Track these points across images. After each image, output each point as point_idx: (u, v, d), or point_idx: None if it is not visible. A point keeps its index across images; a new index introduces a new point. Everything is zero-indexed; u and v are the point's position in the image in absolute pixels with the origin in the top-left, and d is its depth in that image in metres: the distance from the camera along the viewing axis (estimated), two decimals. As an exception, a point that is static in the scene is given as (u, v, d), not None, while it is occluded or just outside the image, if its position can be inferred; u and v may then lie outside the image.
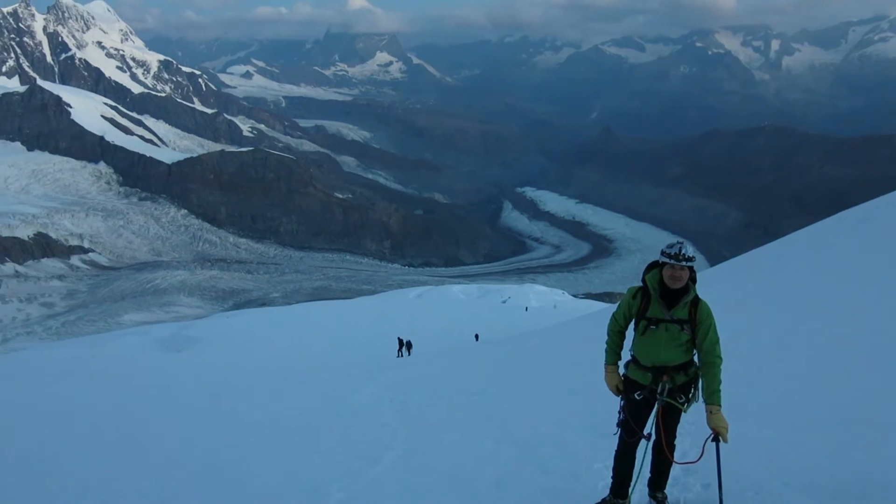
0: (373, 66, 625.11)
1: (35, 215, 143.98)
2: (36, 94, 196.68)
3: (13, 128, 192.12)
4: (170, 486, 9.54)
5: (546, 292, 73.68)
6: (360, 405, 13.71)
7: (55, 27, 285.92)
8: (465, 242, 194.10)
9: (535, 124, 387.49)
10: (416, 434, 10.61)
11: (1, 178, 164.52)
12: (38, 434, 14.35)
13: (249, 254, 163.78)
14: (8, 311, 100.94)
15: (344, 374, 21.09)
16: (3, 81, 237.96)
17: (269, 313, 65.35)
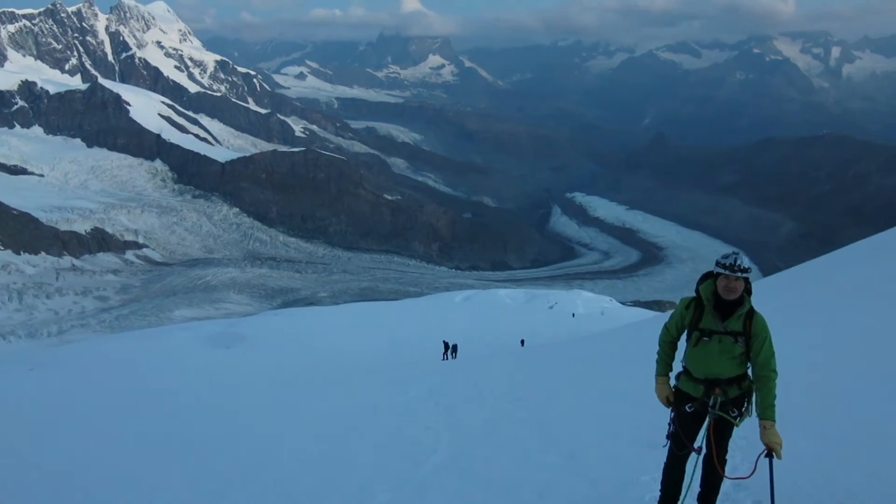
0: (425, 69, 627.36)
1: (92, 210, 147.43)
2: (97, 92, 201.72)
3: (74, 125, 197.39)
4: (214, 483, 9.65)
5: (594, 299, 72.92)
6: (405, 407, 13.70)
7: (117, 27, 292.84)
8: (512, 247, 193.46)
9: (586, 129, 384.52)
10: (461, 438, 10.57)
11: (61, 173, 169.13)
12: (90, 424, 14.65)
13: (298, 253, 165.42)
14: (64, 304, 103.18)
15: (389, 376, 21.14)
16: (65, 79, 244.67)
17: (316, 313, 65.84)
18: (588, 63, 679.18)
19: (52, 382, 23.02)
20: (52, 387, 21.70)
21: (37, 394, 19.71)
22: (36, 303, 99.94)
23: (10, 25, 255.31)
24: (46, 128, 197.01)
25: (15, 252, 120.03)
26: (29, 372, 27.47)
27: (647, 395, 6.27)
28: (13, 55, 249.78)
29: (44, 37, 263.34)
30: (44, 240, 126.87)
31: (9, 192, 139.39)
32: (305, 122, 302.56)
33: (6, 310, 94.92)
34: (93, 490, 9.64)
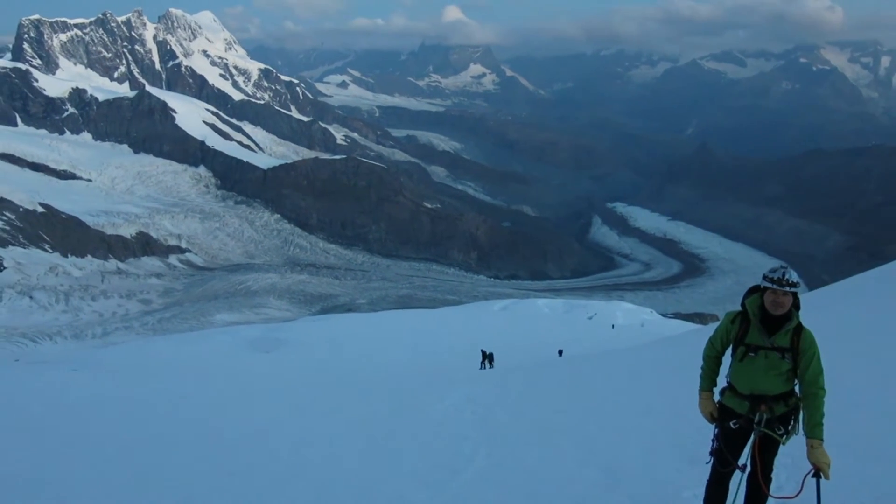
0: (466, 78, 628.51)
1: (138, 215, 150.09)
2: (144, 99, 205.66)
3: (122, 131, 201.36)
4: (250, 487, 9.68)
5: (634, 310, 72.12)
6: (442, 416, 13.65)
7: (164, 36, 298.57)
8: (552, 256, 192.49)
9: (628, 139, 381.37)
10: (498, 449, 10.49)
11: (108, 178, 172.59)
12: (128, 424, 14.83)
13: (338, 260, 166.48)
14: (109, 306, 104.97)
15: (426, 384, 21.11)
16: (114, 87, 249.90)
17: (354, 319, 66.13)
18: (631, 72, 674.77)
19: (94, 383, 23.39)
20: (94, 387, 22.04)
21: (78, 394, 20.03)
22: (82, 305, 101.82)
23: (62, 35, 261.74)
24: (95, 134, 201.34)
25: (63, 255, 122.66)
26: (73, 372, 27.94)
27: (689, 410, 6.15)
28: (65, 63, 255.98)
29: (94, 45, 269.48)
30: (90, 243, 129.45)
31: (58, 197, 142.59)
32: (347, 129, 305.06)
33: (53, 311, 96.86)
34: (123, 490, 9.74)
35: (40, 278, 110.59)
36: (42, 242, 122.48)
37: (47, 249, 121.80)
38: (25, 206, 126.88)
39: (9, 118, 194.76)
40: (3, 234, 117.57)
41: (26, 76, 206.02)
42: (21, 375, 26.09)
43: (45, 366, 34.00)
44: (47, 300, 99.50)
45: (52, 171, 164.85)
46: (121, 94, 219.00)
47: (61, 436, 13.30)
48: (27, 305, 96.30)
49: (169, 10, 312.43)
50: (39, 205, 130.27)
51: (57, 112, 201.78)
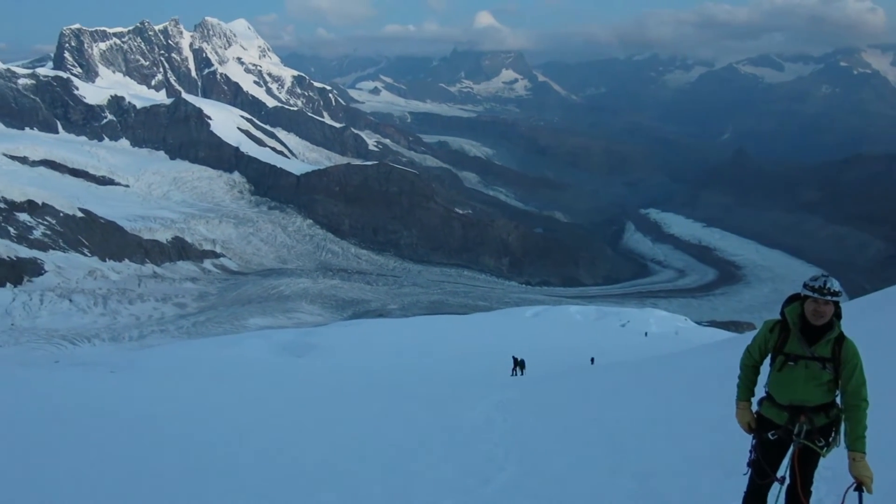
0: (498, 84, 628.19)
1: (174, 220, 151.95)
2: (180, 106, 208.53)
3: (158, 138, 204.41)
4: (279, 491, 9.70)
5: (667, 318, 71.51)
6: (473, 422, 13.59)
7: (200, 44, 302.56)
8: (584, 263, 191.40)
9: (662, 144, 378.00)
10: (529, 456, 10.41)
11: (145, 184, 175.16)
12: (160, 426, 14.96)
13: (370, 265, 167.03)
14: (145, 310, 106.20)
15: (457, 390, 21.06)
16: (151, 94, 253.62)
17: (386, 324, 66.35)
18: (665, 77, 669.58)
19: (131, 385, 23.68)
20: (131, 389, 22.32)
21: (115, 395, 20.28)
22: (119, 308, 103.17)
23: (101, 43, 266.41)
24: (133, 140, 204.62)
25: (101, 259, 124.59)
26: (110, 374, 28.34)
27: (725, 420, 6.03)
28: (104, 71, 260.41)
29: (132, 54, 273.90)
30: (128, 247, 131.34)
31: (97, 202, 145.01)
32: (379, 136, 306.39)
33: (92, 314, 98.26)
34: (155, 492, 9.80)
35: (79, 282, 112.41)
36: (81, 247, 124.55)
37: (86, 253, 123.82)
38: (66, 211, 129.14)
39: (50, 125, 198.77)
40: (44, 238, 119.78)
41: (67, 84, 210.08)
42: (60, 377, 26.52)
43: (83, 367, 34.57)
44: (86, 303, 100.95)
45: (92, 177, 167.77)
46: (158, 101, 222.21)
47: (97, 437, 13.45)
48: (67, 308, 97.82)
49: (205, 19, 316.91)
50: (79, 210, 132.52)
51: (96, 119, 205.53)
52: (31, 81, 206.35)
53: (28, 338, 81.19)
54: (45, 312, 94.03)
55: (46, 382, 22.69)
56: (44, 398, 18.63)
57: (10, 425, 13.97)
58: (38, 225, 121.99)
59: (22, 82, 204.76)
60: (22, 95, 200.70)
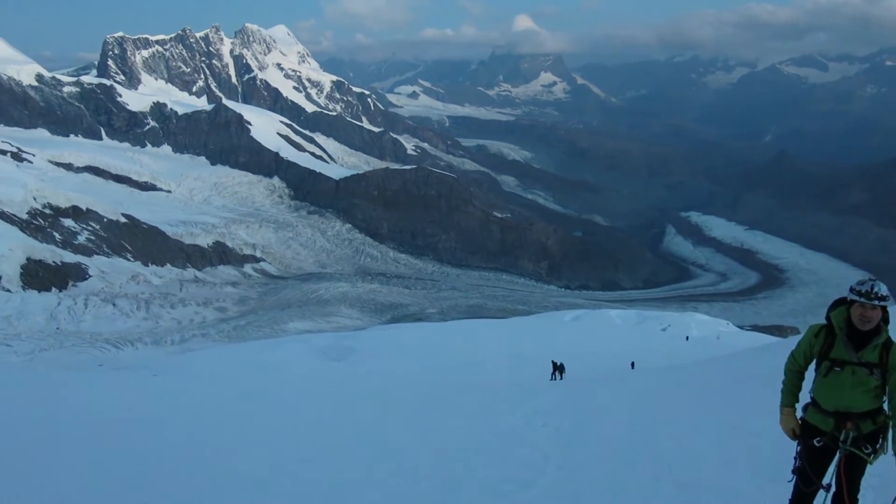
0: (536, 87, 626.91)
1: (214, 225, 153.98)
2: (221, 112, 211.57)
3: (199, 143, 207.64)
4: (318, 496, 9.75)
5: (709, 322, 70.54)
6: (512, 427, 13.54)
7: (240, 50, 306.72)
8: (624, 266, 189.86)
9: (703, 146, 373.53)
10: (569, 461, 10.34)
11: (187, 189, 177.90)
12: (202, 428, 15.15)
13: (408, 269, 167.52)
14: (187, 314, 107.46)
15: (496, 394, 20.99)
16: (192, 100, 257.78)
17: (424, 328, 66.41)
18: (706, 78, 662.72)
19: (172, 388, 24.03)
20: (172, 392, 22.63)
21: (157, 398, 20.59)
22: (161, 312, 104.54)
23: (144, 51, 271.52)
24: (174, 146, 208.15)
25: (144, 264, 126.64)
26: (153, 377, 28.79)
27: (768, 426, 5.94)
28: (146, 78, 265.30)
29: (174, 61, 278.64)
30: (170, 252, 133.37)
31: (140, 207, 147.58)
32: (417, 140, 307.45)
33: (135, 318, 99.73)
34: (196, 493, 9.92)
35: (123, 286, 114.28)
36: (124, 252, 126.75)
37: (129, 258, 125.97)
38: (109, 217, 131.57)
39: (94, 132, 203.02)
40: (88, 243, 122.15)
41: (110, 91, 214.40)
42: (104, 380, 27.00)
43: (126, 371, 35.17)
44: (129, 307, 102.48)
45: (134, 183, 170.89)
46: (199, 107, 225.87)
47: (140, 438, 13.67)
48: (110, 312, 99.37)
49: (245, 25, 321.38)
50: (122, 215, 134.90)
51: (139, 126, 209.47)
52: (75, 89, 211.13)
53: (73, 341, 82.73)
54: (89, 316, 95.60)
55: (90, 385, 23.12)
56: (87, 401, 18.98)
57: (56, 427, 14.26)
58: (83, 230, 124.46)
59: (67, 90, 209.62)
60: (67, 103, 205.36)
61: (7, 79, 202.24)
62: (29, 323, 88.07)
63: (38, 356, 73.71)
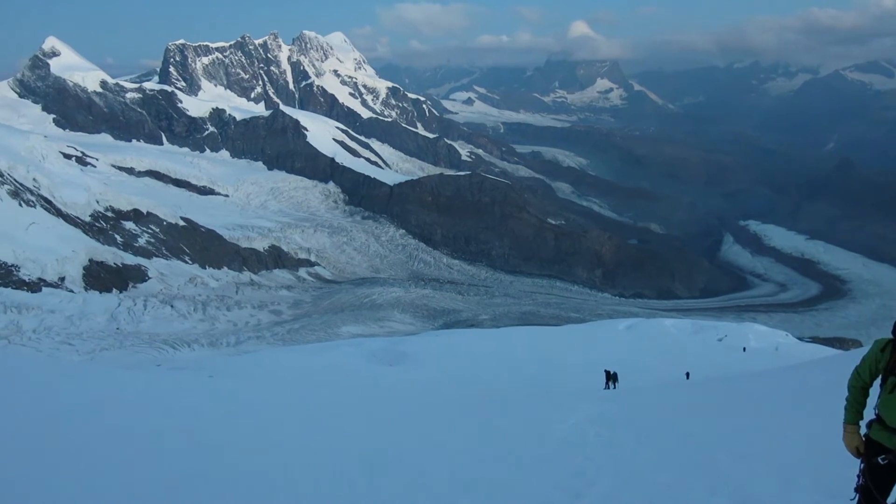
0: (592, 93, 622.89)
1: (270, 229, 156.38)
2: (278, 118, 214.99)
3: (257, 149, 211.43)
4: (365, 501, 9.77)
5: (767, 333, 68.85)
6: (565, 435, 13.40)
7: (298, 57, 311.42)
8: (680, 275, 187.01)
9: (762, 154, 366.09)
10: (622, 472, 10.18)
11: (244, 194, 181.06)
12: (254, 429, 15.32)
13: (461, 275, 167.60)
14: (242, 316, 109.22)
15: (548, 402, 20.83)
16: (251, 107, 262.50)
17: (477, 335, 66.34)
18: (766, 85, 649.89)
19: (228, 389, 24.38)
20: (228, 393, 22.96)
21: (212, 399, 20.90)
22: (217, 314, 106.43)
23: (204, 58, 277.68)
24: (232, 151, 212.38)
25: (201, 266, 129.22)
26: (208, 378, 29.27)
27: (829, 441, 5.75)
28: (206, 85, 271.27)
29: (233, 68, 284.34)
30: (226, 255, 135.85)
31: (198, 211, 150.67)
32: (472, 146, 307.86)
33: (192, 319, 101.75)
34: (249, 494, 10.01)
35: (181, 288, 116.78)
36: (183, 254, 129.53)
37: (187, 261, 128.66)
38: (168, 220, 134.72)
39: (155, 137, 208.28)
40: (148, 246, 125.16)
41: (171, 98, 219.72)
42: (162, 380, 27.54)
43: (183, 372, 35.85)
44: (186, 309, 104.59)
45: (193, 187, 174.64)
46: (256, 113, 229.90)
47: (196, 439, 13.88)
48: (169, 314, 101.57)
49: (302, 32, 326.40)
50: (181, 219, 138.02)
51: (198, 131, 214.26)
52: (137, 95, 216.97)
53: (132, 341, 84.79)
54: (148, 317, 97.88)
55: (150, 385, 23.59)
56: (147, 399, 19.36)
57: (115, 424, 14.57)
58: (143, 233, 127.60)
59: (130, 96, 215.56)
60: (129, 109, 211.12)
61: (73, 85, 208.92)
62: (90, 323, 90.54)
63: (98, 355, 75.72)
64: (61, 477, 9.80)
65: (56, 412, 14.84)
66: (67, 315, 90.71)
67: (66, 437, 12.45)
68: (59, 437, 12.27)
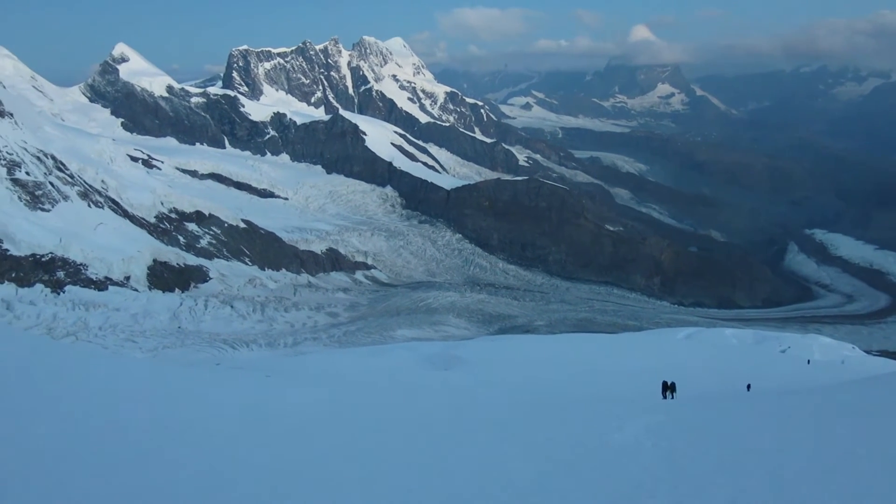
0: (653, 98, 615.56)
1: (328, 232, 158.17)
2: (337, 122, 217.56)
3: (316, 153, 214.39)
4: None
5: (833, 345, 66.80)
6: (622, 446, 13.03)
7: (358, 62, 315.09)
8: (741, 284, 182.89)
9: (830, 161, 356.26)
10: (682, 485, 9.80)
11: (303, 197, 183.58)
12: (307, 430, 15.29)
13: (517, 280, 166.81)
14: (300, 318, 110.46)
15: (605, 412, 20.38)
16: (311, 111, 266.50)
17: (532, 341, 65.86)
18: (835, 90, 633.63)
19: (285, 390, 24.51)
20: (284, 393, 23.07)
21: (268, 398, 21.00)
22: (275, 315, 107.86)
23: (266, 63, 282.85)
24: (292, 155, 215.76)
25: (260, 268, 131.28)
26: (265, 378, 29.53)
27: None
28: (267, 89, 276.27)
29: (294, 73, 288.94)
30: (285, 257, 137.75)
31: (259, 213, 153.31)
32: (529, 151, 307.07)
33: (250, 320, 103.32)
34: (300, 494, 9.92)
35: (240, 289, 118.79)
36: (243, 256, 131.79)
37: (247, 262, 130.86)
38: (230, 222, 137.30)
39: (218, 141, 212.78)
40: (209, 247, 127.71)
41: (234, 102, 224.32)
42: (222, 378, 27.87)
43: (242, 371, 36.29)
44: (246, 310, 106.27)
45: (254, 190, 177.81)
46: (316, 117, 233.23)
47: (250, 438, 13.90)
48: (228, 314, 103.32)
49: (362, 38, 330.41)
50: (242, 221, 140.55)
51: (260, 135, 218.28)
52: (202, 100, 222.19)
53: (193, 340, 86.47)
54: (208, 317, 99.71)
55: (210, 383, 23.86)
56: (207, 397, 19.57)
57: (174, 420, 14.69)
58: (205, 234, 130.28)
59: (194, 101, 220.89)
60: (194, 113, 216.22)
61: (140, 90, 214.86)
62: (153, 321, 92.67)
63: (160, 353, 77.46)
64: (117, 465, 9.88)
65: (118, 407, 15.05)
66: (132, 313, 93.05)
67: (123, 430, 12.60)
68: (118, 430, 12.42)
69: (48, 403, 14.01)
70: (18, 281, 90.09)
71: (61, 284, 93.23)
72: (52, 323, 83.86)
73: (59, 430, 11.84)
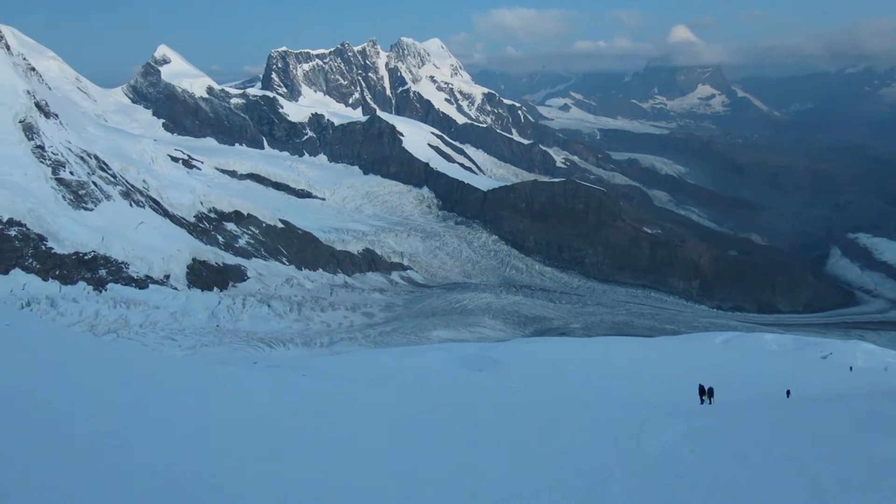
0: (693, 100, 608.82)
1: (365, 232, 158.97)
2: (374, 123, 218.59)
3: (353, 153, 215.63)
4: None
5: (876, 352, 65.34)
6: (658, 451, 12.88)
7: (395, 63, 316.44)
8: (782, 289, 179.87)
9: (875, 164, 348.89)
10: (719, 493, 9.66)
11: (340, 198, 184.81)
12: (341, 429, 15.33)
13: (553, 282, 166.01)
14: (336, 317, 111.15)
15: (641, 416, 20.16)
16: (348, 112, 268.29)
17: (568, 343, 65.52)
18: (880, 91, 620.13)
19: (320, 389, 24.65)
20: (320, 392, 23.19)
21: (306, 397, 21.14)
22: (312, 315, 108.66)
23: (304, 65, 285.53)
24: (330, 156, 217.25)
25: (297, 268, 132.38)
26: (301, 377, 29.74)
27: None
28: (306, 91, 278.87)
29: (332, 74, 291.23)
30: (322, 258, 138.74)
31: (296, 214, 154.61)
32: (567, 152, 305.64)
33: (287, 319, 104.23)
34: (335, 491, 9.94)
35: (277, 288, 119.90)
36: (280, 255, 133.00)
37: (284, 262, 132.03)
38: (268, 222, 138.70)
39: (257, 141, 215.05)
40: (247, 246, 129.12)
41: (273, 103, 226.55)
42: (259, 377, 28.13)
43: (278, 370, 36.60)
44: (283, 309, 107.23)
45: (292, 190, 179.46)
46: (354, 118, 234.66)
47: (286, 434, 13.99)
48: (266, 313, 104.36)
49: (400, 39, 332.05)
50: (279, 221, 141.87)
51: (298, 136, 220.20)
52: (241, 101, 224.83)
53: (230, 339, 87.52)
54: (246, 316, 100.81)
55: (247, 381, 24.09)
56: (244, 394, 19.76)
57: (210, 416, 14.84)
58: (243, 234, 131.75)
59: (234, 102, 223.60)
60: (233, 114, 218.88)
61: (181, 91, 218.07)
62: (192, 319, 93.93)
63: (199, 351, 78.49)
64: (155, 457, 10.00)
65: (162, 403, 15.24)
66: (171, 311, 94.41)
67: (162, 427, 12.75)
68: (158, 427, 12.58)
69: (90, 400, 14.22)
70: (62, 279, 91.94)
71: (103, 282, 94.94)
72: (93, 320, 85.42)
73: (99, 427, 12.01)
